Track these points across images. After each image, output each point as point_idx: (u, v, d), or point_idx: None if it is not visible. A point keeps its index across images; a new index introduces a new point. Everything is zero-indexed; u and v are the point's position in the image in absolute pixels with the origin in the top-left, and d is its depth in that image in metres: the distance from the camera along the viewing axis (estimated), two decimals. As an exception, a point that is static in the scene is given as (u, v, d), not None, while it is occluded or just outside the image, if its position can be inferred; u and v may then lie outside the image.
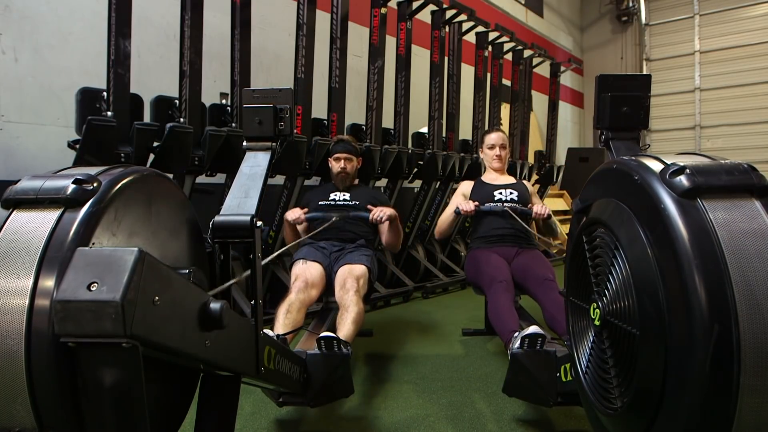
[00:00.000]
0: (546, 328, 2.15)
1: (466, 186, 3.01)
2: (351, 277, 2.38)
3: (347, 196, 2.81)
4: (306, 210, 2.67)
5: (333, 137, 3.63)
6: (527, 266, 2.55)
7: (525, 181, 3.07)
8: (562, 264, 1.53)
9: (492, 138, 3.00)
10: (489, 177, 2.99)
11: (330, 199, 2.80)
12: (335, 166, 2.86)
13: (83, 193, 0.94)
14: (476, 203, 2.72)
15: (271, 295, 3.55)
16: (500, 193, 2.83)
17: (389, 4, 4.25)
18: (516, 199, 2.81)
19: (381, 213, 2.58)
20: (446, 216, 2.85)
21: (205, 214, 1.42)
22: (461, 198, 2.91)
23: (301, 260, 2.51)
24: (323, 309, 2.66)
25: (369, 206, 2.68)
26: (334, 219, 2.57)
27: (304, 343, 2.17)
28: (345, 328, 2.12)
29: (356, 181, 2.96)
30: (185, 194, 2.02)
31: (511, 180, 2.99)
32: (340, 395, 1.91)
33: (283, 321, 2.14)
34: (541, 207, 2.71)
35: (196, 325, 0.96)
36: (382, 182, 4.54)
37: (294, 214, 2.62)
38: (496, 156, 2.94)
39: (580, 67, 11.71)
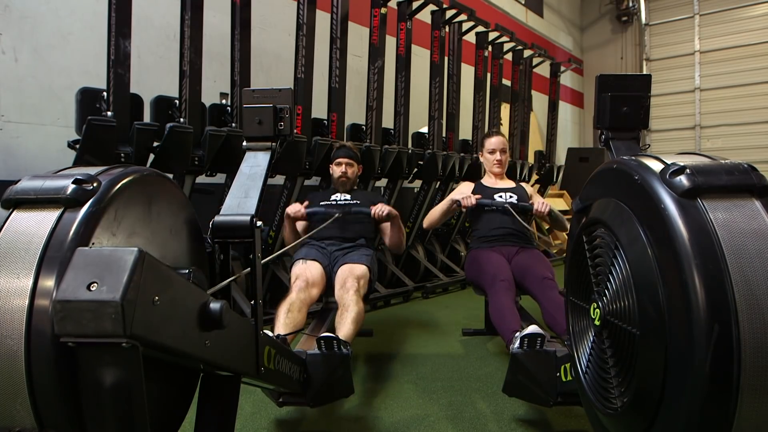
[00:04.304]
0: (546, 327, 2.15)
1: (465, 186, 3.04)
2: (351, 276, 2.39)
3: (348, 197, 2.88)
4: (307, 204, 2.71)
5: (332, 137, 3.75)
6: (526, 265, 2.55)
7: (524, 184, 3.10)
8: (562, 264, 1.53)
9: (492, 142, 2.99)
10: (489, 181, 3.01)
11: (332, 199, 2.86)
12: (336, 170, 2.92)
13: (83, 193, 0.94)
14: (478, 196, 2.77)
15: (271, 295, 3.55)
16: (500, 197, 2.85)
17: (389, 4, 4.25)
18: (515, 202, 2.83)
19: (383, 207, 2.66)
20: (440, 206, 2.91)
21: (205, 214, 1.42)
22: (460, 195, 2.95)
23: (301, 260, 2.52)
24: (323, 309, 2.65)
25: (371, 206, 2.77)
26: (336, 215, 2.59)
27: (303, 343, 2.17)
28: (345, 327, 2.13)
29: (356, 186, 3.04)
30: (185, 194, 2.02)
31: (511, 184, 3.01)
32: (340, 395, 1.91)
33: (284, 320, 2.14)
34: (541, 204, 2.73)
35: (196, 325, 0.96)
36: (382, 182, 4.54)
37: (294, 207, 2.68)
38: (497, 161, 2.94)
39: (580, 67, 11.71)
